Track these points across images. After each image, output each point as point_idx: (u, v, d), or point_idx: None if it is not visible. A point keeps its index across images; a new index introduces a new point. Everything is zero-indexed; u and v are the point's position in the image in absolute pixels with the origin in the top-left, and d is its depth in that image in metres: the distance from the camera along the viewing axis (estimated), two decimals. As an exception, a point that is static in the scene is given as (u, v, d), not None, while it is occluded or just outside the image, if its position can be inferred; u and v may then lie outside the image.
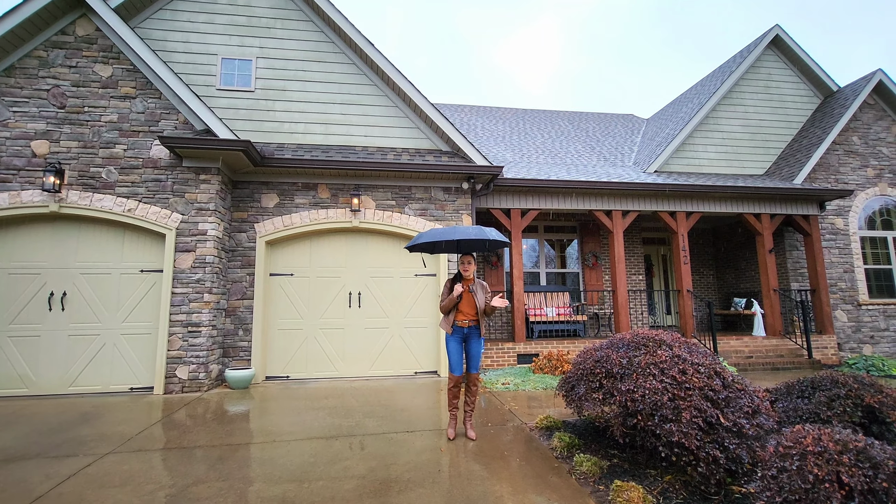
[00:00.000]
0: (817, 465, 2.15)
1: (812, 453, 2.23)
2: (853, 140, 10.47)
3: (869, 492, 1.99)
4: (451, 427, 4.13)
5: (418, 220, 7.34)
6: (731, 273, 11.44)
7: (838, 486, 2.05)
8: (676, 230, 8.80)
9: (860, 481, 2.01)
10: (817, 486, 2.09)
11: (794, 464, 2.24)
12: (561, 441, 3.78)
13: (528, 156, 11.62)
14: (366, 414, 4.91)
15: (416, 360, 7.19)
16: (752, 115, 11.14)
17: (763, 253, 9.10)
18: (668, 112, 13.90)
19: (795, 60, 11.39)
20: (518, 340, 7.99)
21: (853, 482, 2.01)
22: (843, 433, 2.32)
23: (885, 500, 1.94)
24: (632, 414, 3.18)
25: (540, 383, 6.38)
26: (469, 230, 4.07)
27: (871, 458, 2.11)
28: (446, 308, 4.12)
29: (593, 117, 16.33)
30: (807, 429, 2.41)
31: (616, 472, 3.28)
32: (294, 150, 7.29)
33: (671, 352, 3.47)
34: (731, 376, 3.35)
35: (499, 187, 8.06)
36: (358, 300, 7.18)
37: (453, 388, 4.16)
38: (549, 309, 9.01)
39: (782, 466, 2.29)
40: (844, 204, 10.03)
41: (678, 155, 10.62)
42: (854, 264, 9.83)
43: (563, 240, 10.69)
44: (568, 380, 3.94)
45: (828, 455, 2.18)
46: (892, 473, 2.01)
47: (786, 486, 2.19)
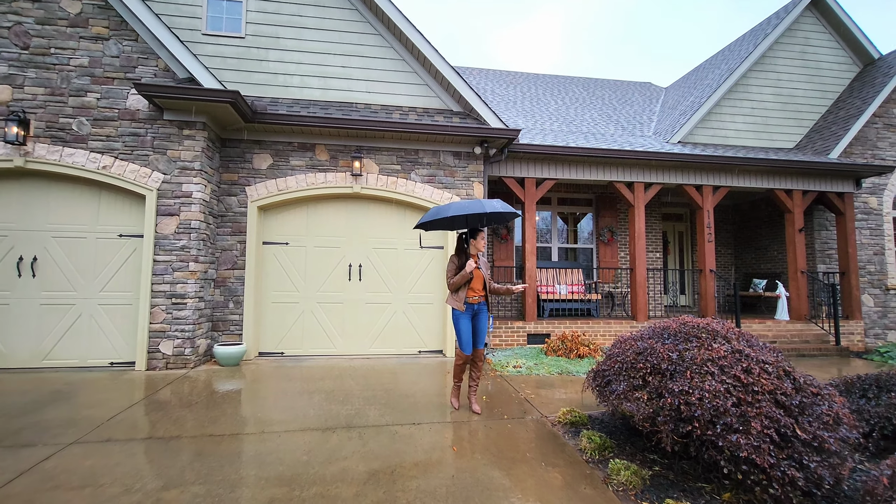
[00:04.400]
0: (967, 513, 1.63)
1: (954, 494, 1.71)
2: (892, 113, 9.69)
3: None
4: (455, 396, 4.26)
5: (425, 188, 6.70)
6: (751, 253, 10.87)
7: None
8: (702, 205, 8.17)
9: None
10: (969, 541, 1.58)
11: (928, 506, 1.72)
12: (591, 442, 3.29)
13: (542, 122, 10.84)
14: (366, 400, 4.44)
15: (421, 338, 6.71)
16: (785, 83, 10.30)
17: (792, 232, 8.50)
18: (691, 80, 12.98)
19: (836, 24, 10.46)
20: (529, 319, 7.50)
21: None
22: None
23: None
24: (685, 420, 2.67)
25: (554, 367, 5.91)
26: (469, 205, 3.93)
27: None
28: (456, 285, 3.98)
29: (609, 84, 15.39)
30: (937, 458, 1.89)
31: (661, 485, 2.80)
32: (289, 105, 6.57)
33: (730, 346, 2.94)
34: (801, 377, 2.82)
35: (513, 154, 7.38)
36: (359, 273, 6.63)
37: (461, 365, 4.13)
38: (561, 286, 8.48)
39: (907, 506, 1.78)
40: (880, 182, 9.37)
41: (703, 125, 9.86)
42: (886, 246, 9.26)
43: (577, 213, 10.06)
44: (602, 373, 3.42)
45: (978, 498, 1.66)
46: None
47: (917, 535, 1.68)
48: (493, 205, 3.90)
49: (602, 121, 11.45)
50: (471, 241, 4.06)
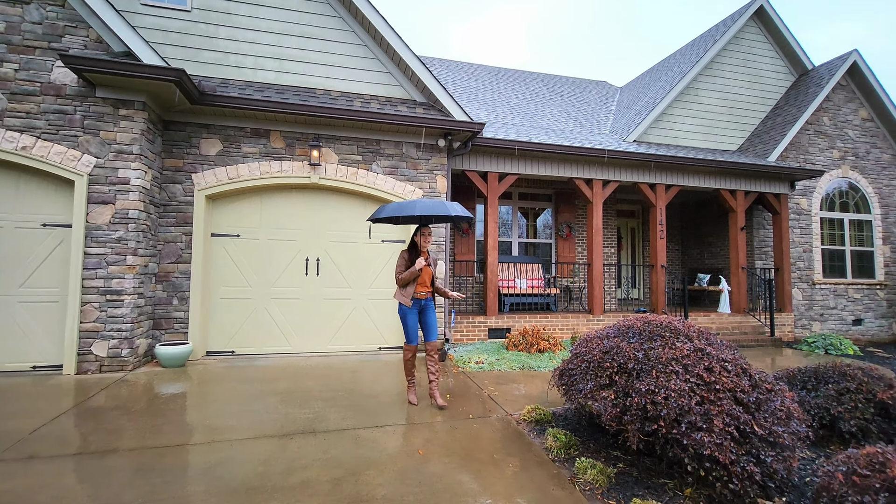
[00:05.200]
0: (916, 507, 1.72)
1: (903, 488, 1.81)
2: (823, 121, 10.49)
3: None
4: (412, 393, 4.25)
5: (387, 180, 6.50)
6: (697, 249, 11.48)
7: (947, 536, 1.64)
8: (655, 203, 8.49)
9: (976, 531, 1.60)
10: (918, 534, 1.67)
11: (881, 500, 1.81)
12: (557, 440, 3.30)
13: (503, 116, 10.84)
14: (326, 402, 4.24)
15: (381, 334, 6.54)
16: (730, 88, 10.88)
17: (735, 230, 9.03)
18: (645, 81, 13.45)
19: (776, 35, 11.15)
20: (490, 314, 7.51)
21: (969, 533, 1.60)
22: (933, 461, 1.92)
23: None
24: (651, 419, 2.71)
25: (516, 362, 5.95)
26: (433, 205, 4.05)
27: (980, 497, 1.71)
28: (405, 281, 4.10)
29: (567, 81, 15.66)
30: (887, 453, 1.99)
31: (626, 483, 2.83)
32: (241, 87, 6.13)
33: (692, 344, 3.01)
34: (756, 373, 2.94)
35: (477, 147, 7.30)
36: (316, 267, 6.34)
37: (411, 359, 4.24)
38: (521, 281, 8.57)
39: (861, 501, 1.87)
40: (810, 185, 10.13)
41: (657, 125, 10.24)
42: (813, 245, 10.05)
43: (537, 208, 10.19)
44: (568, 371, 3.43)
45: (924, 492, 1.77)
46: None
47: (871, 529, 1.76)
48: (455, 208, 4.10)
49: (562, 117, 11.62)
50: (419, 238, 4.20)
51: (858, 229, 10.55)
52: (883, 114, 10.67)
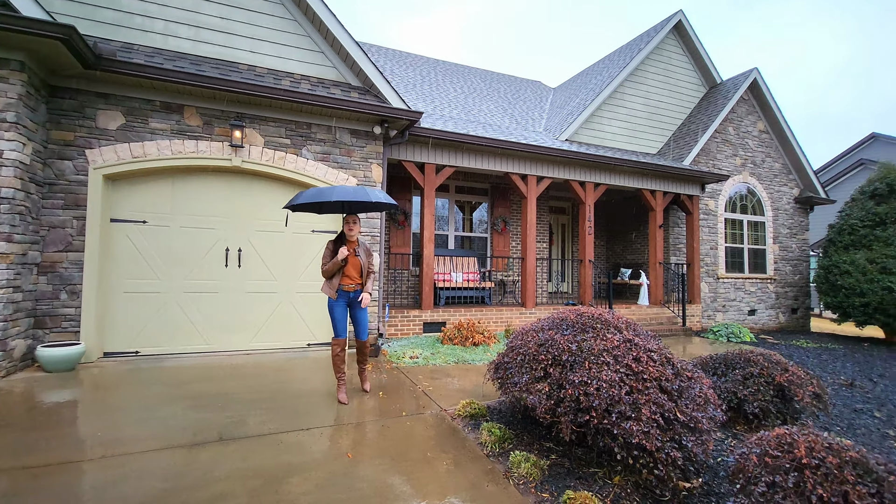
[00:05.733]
0: (820, 485, 1.85)
1: (809, 467, 1.94)
2: (729, 130, 11.56)
3: (880, 516, 1.73)
4: (342, 392, 4.01)
5: (318, 167, 6.12)
6: (620, 245, 12.20)
7: (846, 510, 1.77)
8: (584, 200, 8.84)
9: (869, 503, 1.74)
10: (822, 510, 1.79)
11: (790, 479, 1.93)
12: (491, 434, 3.25)
13: (441, 108, 10.74)
14: (247, 404, 3.88)
15: (310, 330, 6.18)
16: (652, 95, 11.63)
17: (654, 228, 9.67)
18: (576, 83, 14.01)
19: (691, 49, 12.08)
20: (425, 308, 7.40)
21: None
22: (832, 439, 2.08)
23: (900, 526, 1.69)
24: (584, 410, 2.73)
25: (451, 356, 5.89)
26: (353, 191, 3.86)
27: (871, 471, 1.87)
28: (329, 272, 3.96)
29: (504, 79, 15.90)
30: (793, 434, 2.13)
31: (559, 475, 2.85)
32: (149, 55, 5.43)
33: (621, 335, 3.09)
34: (678, 362, 3.09)
35: (414, 137, 7.12)
36: (238, 258, 5.83)
37: (340, 354, 4.04)
38: (456, 274, 8.54)
39: (773, 482, 1.98)
40: (717, 188, 11.13)
41: (587, 126, 10.68)
42: (718, 242, 11.07)
43: (473, 202, 10.23)
44: (504, 365, 3.40)
45: (826, 469, 1.90)
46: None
47: (782, 508, 1.87)
48: (377, 195, 3.91)
49: (498, 113, 11.75)
50: (344, 228, 4.05)
51: (754, 229, 11.79)
52: (776, 127, 11.98)
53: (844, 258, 9.67)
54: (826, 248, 10.47)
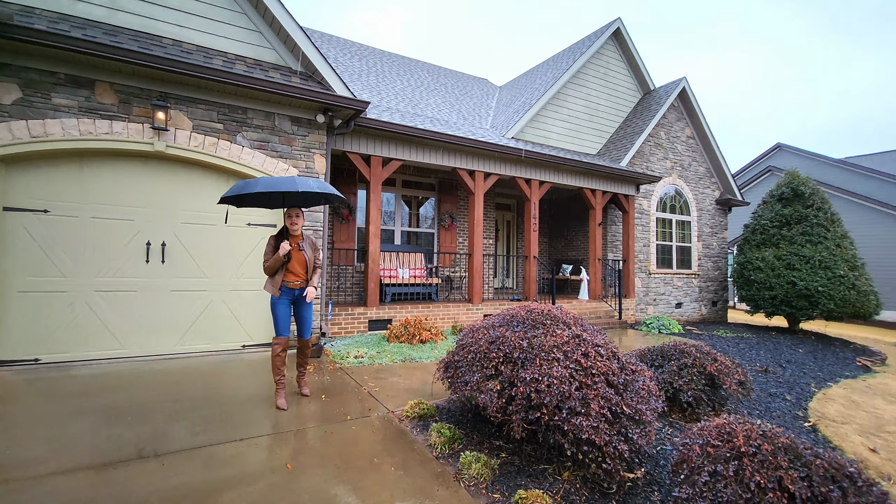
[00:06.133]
0: (757, 471, 1.93)
1: (747, 455, 2.02)
2: (661, 135, 12.29)
3: (811, 499, 1.83)
4: (281, 396, 3.77)
5: (255, 155, 5.70)
6: (561, 242, 12.61)
7: (781, 494, 1.86)
8: (530, 197, 9.00)
9: (800, 487, 1.84)
10: (760, 496, 1.87)
11: (730, 468, 2.00)
12: (440, 435, 3.17)
13: (388, 101, 10.47)
14: (171, 415, 3.51)
15: (245, 330, 5.76)
16: (592, 97, 12.09)
17: (594, 225, 10.07)
18: (522, 82, 14.27)
19: (628, 55, 12.68)
20: (371, 305, 7.18)
21: (796, 490, 1.83)
22: (765, 426, 2.19)
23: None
24: (535, 407, 2.71)
25: (398, 354, 5.74)
26: (296, 182, 3.62)
27: (801, 455, 1.98)
28: (271, 269, 3.77)
29: (451, 74, 15.87)
30: (732, 423, 2.23)
31: (509, 473, 2.82)
32: (53, 21, 4.75)
33: (570, 331, 3.12)
34: (623, 356, 3.16)
35: (361, 129, 6.85)
36: (161, 253, 5.30)
37: (281, 354, 3.79)
38: (403, 270, 8.38)
39: (715, 470, 2.04)
40: (649, 189, 11.80)
41: (532, 125, 10.89)
42: (650, 240, 11.76)
43: (420, 197, 10.09)
44: (454, 363, 3.32)
45: (762, 456, 1.99)
46: (823, 475, 1.89)
47: (724, 496, 1.93)
48: (307, 184, 3.65)
49: (446, 108, 11.68)
50: (286, 222, 3.85)
51: (681, 228, 12.65)
52: (701, 133, 12.91)
53: (756, 255, 10.63)
54: (741, 246, 11.45)
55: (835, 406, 4.86)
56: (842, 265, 9.44)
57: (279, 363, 3.79)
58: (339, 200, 4.03)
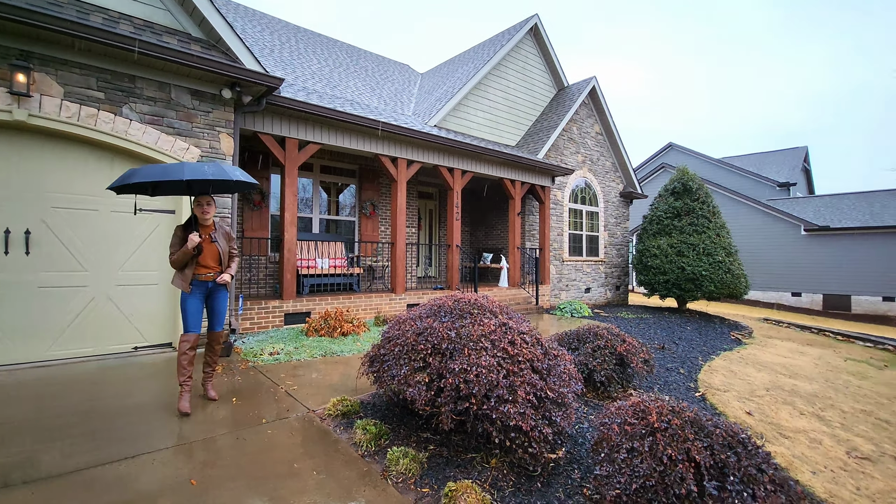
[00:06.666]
0: (669, 445, 2.08)
1: (659, 430, 2.17)
2: (573, 130, 13.02)
3: (713, 466, 2.00)
4: (185, 399, 3.41)
5: (147, 131, 4.99)
6: (482, 231, 12.90)
7: (689, 464, 2.02)
8: (453, 186, 9.03)
9: (705, 456, 2.01)
10: (671, 468, 2.01)
11: (646, 444, 2.13)
12: (366, 432, 3.04)
13: (304, 80, 9.83)
14: (46, 434, 2.96)
15: (138, 330, 5.09)
16: (512, 90, 12.42)
17: (513, 215, 10.41)
18: (444, 71, 14.23)
19: (545, 51, 13.20)
20: (287, 297, 6.74)
21: (702, 459, 2.00)
22: (674, 402, 2.37)
23: (727, 472, 1.98)
24: (464, 397, 2.69)
25: (318, 349, 5.46)
26: (210, 169, 3.33)
27: (704, 427, 2.17)
28: (179, 263, 3.46)
29: (371, 57, 15.35)
30: (646, 402, 2.38)
31: (438, 465, 2.78)
32: None
33: (497, 319, 3.14)
34: (546, 342, 3.26)
35: (274, 108, 6.32)
36: (25, 243, 4.46)
37: (189, 352, 3.46)
38: (322, 260, 7.98)
39: (632, 447, 2.17)
40: (563, 180, 12.48)
41: (454, 114, 10.91)
42: (564, 230, 12.47)
43: (339, 184, 9.65)
44: (380, 357, 3.19)
45: (672, 431, 2.15)
46: (722, 443, 2.09)
47: (640, 471, 2.06)
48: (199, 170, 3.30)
49: (366, 92, 11.26)
50: (195, 210, 3.53)
51: (590, 218, 13.58)
52: (608, 130, 13.90)
53: (653, 244, 11.76)
54: (640, 235, 12.59)
55: (718, 376, 5.53)
56: (720, 252, 10.78)
57: (185, 362, 3.43)
58: (248, 187, 3.69)
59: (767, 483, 1.92)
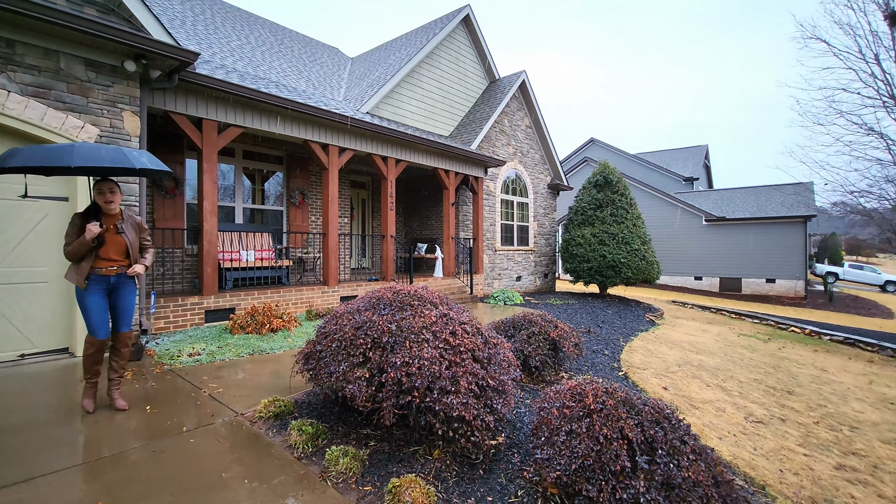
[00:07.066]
0: (605, 425, 2.19)
1: (595, 412, 2.28)
2: (504, 122, 13.31)
3: (643, 442, 2.14)
4: (89, 398, 3.22)
5: (31, 105, 4.29)
6: (417, 221, 12.83)
7: (623, 441, 2.14)
8: (387, 176, 8.85)
9: (636, 433, 2.15)
10: (607, 446, 2.12)
11: (583, 425, 2.23)
12: (302, 433, 2.89)
13: (222, 57, 9.05)
14: None
15: (25, 335, 4.42)
16: (445, 80, 12.39)
17: (448, 205, 10.45)
18: (376, 56, 13.86)
19: (477, 43, 13.32)
20: (208, 293, 6.22)
21: (633, 436, 2.13)
22: (607, 384, 2.50)
23: (655, 446, 2.12)
24: (406, 391, 2.64)
25: (245, 347, 5.10)
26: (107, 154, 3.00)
27: (634, 406, 2.31)
28: (74, 255, 3.09)
29: (298, 38, 14.54)
30: (582, 385, 2.48)
31: (380, 461, 2.72)
32: None
33: (438, 311, 3.12)
34: (486, 331, 3.30)
35: (189, 86, 5.74)
36: None
37: (93, 354, 3.21)
38: (247, 252, 7.46)
39: (571, 429, 2.26)
40: (495, 172, 12.74)
41: (387, 101, 10.67)
42: (496, 220, 12.77)
43: (265, 171, 9.06)
44: (316, 354, 3.03)
45: (607, 411, 2.26)
46: (650, 420, 2.24)
47: (579, 451, 2.14)
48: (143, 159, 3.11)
49: (293, 74, 10.64)
50: (97, 199, 3.17)
51: (521, 209, 14.04)
52: (537, 124, 14.39)
53: (578, 233, 12.44)
54: (567, 225, 13.26)
55: (637, 355, 5.99)
56: (637, 241, 11.67)
57: (90, 363, 3.21)
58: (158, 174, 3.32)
59: (689, 453, 2.10)
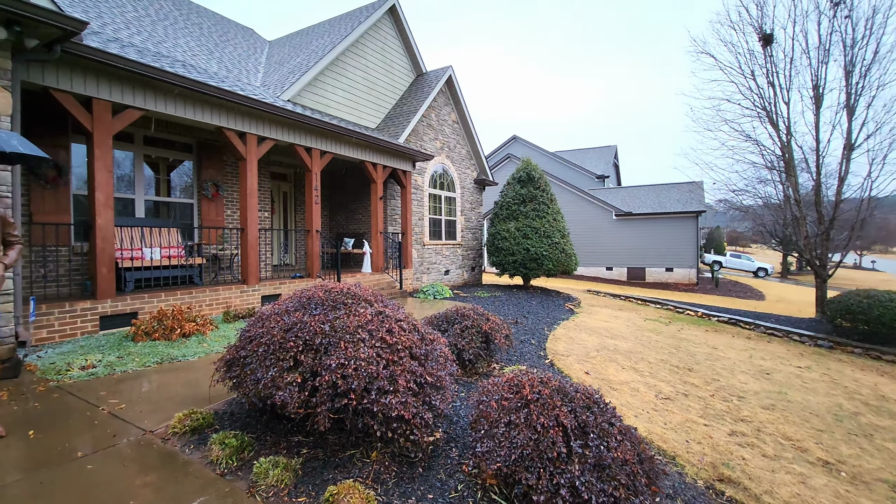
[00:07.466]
0: (542, 414, 2.26)
1: (532, 402, 2.34)
2: (432, 116, 13.32)
3: (577, 427, 2.25)
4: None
5: None
6: (343, 215, 12.43)
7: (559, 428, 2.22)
8: (311, 168, 8.43)
9: (570, 420, 2.25)
10: (544, 434, 2.19)
11: (521, 416, 2.29)
12: (225, 447, 2.66)
13: (116, 29, 8.01)
14: None
15: None
16: (371, 71, 12.08)
17: (375, 199, 10.24)
18: (296, 41, 13.13)
19: (404, 36, 13.14)
20: (103, 296, 5.49)
21: (568, 423, 2.22)
22: (542, 374, 2.58)
23: (587, 430, 2.24)
24: (342, 394, 2.53)
25: (152, 356, 4.59)
26: None
27: (567, 393, 2.42)
28: None
29: (207, 14, 13.31)
30: (519, 376, 2.54)
31: (315, 469, 2.58)
32: None
33: (373, 308, 3.03)
34: (422, 327, 3.27)
35: (75, 58, 4.98)
36: None
37: None
38: (151, 250, 6.71)
39: (510, 421, 2.30)
40: (423, 166, 12.72)
41: (310, 89, 10.16)
42: (424, 214, 12.78)
43: (171, 159, 8.19)
44: (240, 360, 2.79)
45: (543, 401, 2.34)
46: (582, 406, 2.36)
47: (518, 441, 2.20)
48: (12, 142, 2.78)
49: (203, 54, 9.71)
50: None
51: (448, 204, 14.19)
52: (464, 119, 14.59)
53: (504, 227, 12.86)
54: (493, 220, 13.64)
55: (561, 343, 6.34)
56: (557, 234, 12.33)
57: None
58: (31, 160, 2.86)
59: (617, 434, 2.25)
